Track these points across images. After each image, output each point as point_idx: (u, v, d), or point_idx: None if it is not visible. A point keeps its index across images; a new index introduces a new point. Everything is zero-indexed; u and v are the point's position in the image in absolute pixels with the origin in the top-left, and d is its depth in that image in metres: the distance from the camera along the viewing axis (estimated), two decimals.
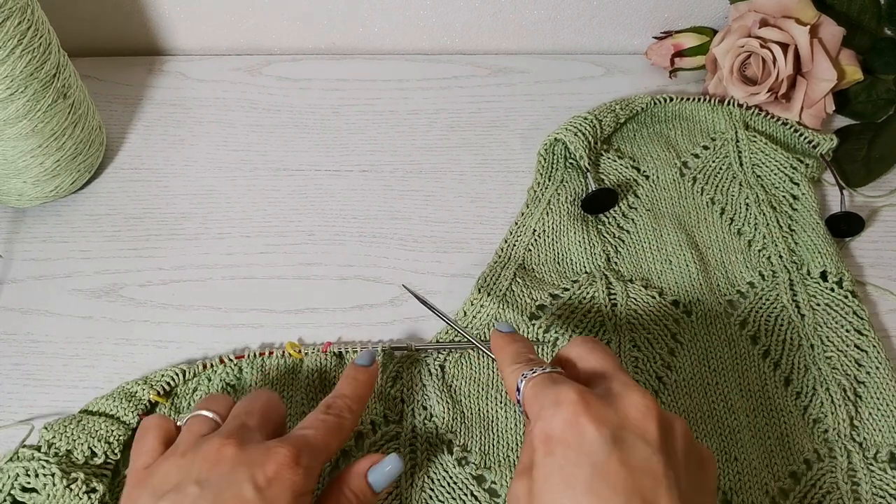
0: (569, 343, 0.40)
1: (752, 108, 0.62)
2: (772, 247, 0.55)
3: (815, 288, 0.53)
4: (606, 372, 0.37)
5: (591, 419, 0.33)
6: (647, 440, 0.33)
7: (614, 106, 0.61)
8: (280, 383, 0.49)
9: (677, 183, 0.59)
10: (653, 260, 0.55)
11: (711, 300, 0.53)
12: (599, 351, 0.38)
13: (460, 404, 0.48)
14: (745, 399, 0.48)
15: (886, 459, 0.46)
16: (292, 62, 0.70)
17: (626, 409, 0.34)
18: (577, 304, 0.52)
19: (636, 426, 0.33)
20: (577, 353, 0.39)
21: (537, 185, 0.59)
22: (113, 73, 0.68)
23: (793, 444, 0.47)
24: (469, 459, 0.46)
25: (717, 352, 0.50)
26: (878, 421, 0.47)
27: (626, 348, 0.50)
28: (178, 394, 0.48)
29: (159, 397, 0.47)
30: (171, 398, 0.48)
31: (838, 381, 0.49)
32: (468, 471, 0.46)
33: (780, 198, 0.58)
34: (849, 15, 0.62)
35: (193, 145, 0.64)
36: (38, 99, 0.52)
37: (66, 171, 0.57)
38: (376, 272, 0.56)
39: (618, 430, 0.33)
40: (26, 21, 0.50)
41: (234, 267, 0.56)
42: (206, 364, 0.49)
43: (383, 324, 0.53)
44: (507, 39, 0.72)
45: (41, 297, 0.54)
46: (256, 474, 0.35)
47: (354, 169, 0.62)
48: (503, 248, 0.56)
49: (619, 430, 0.33)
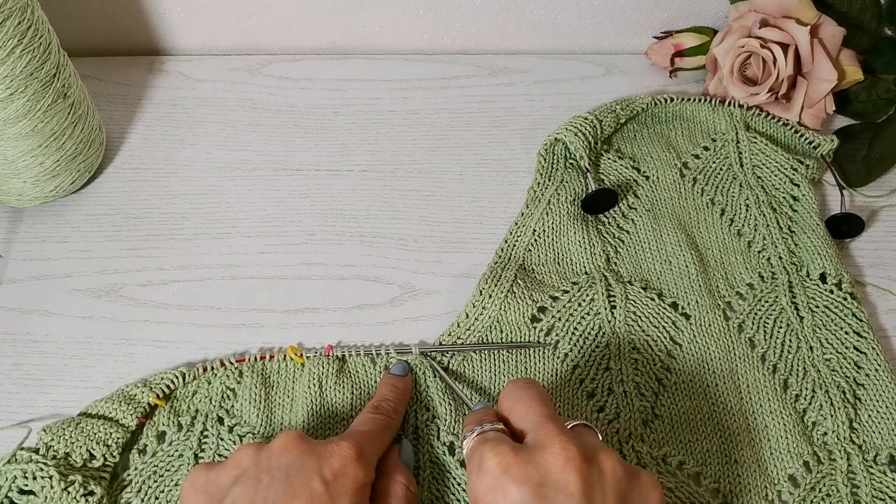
0: (501, 392, 0.40)
1: (753, 108, 0.62)
2: (771, 248, 0.55)
3: (815, 290, 0.53)
4: (533, 424, 0.37)
5: (511, 480, 0.33)
6: (570, 492, 0.33)
7: (615, 106, 0.61)
8: (281, 388, 0.49)
9: (677, 183, 0.59)
10: (652, 260, 0.55)
11: (710, 302, 0.53)
12: (527, 399, 0.38)
13: (463, 407, 0.48)
14: (744, 401, 0.48)
15: (886, 462, 0.46)
16: (292, 62, 0.70)
17: (547, 463, 0.34)
18: (577, 306, 0.52)
19: (557, 479, 0.33)
20: (506, 407, 0.39)
21: (537, 185, 0.59)
22: (113, 73, 0.68)
23: (792, 446, 0.46)
24: None
25: (716, 354, 0.50)
26: (878, 423, 0.47)
27: (626, 350, 0.50)
28: (177, 396, 0.48)
29: (159, 400, 0.47)
30: (170, 401, 0.48)
31: (837, 383, 0.49)
32: None
33: (781, 199, 0.58)
34: (849, 15, 0.62)
35: (193, 145, 0.64)
36: (38, 99, 0.52)
37: (66, 170, 0.57)
38: (376, 272, 0.56)
39: (538, 488, 0.33)
40: (26, 21, 0.50)
41: (234, 267, 0.56)
42: (206, 367, 0.49)
43: (383, 324, 0.53)
44: (507, 39, 0.72)
45: (41, 297, 0.54)
46: (323, 468, 0.37)
47: (355, 169, 0.62)
48: (503, 248, 0.56)
49: (539, 487, 0.33)
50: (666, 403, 0.49)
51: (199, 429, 0.47)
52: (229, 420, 0.48)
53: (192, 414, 0.48)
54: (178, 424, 0.47)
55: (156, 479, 0.45)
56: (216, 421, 0.47)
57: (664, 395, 0.49)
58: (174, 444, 0.47)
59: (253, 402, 0.48)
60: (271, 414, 0.48)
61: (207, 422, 0.47)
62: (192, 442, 0.47)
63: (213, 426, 0.47)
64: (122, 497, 0.45)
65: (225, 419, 0.48)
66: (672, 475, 0.46)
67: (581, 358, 0.50)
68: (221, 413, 0.48)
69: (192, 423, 0.47)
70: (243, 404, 0.48)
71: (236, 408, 0.48)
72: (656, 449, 0.47)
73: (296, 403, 0.48)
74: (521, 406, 0.38)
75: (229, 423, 0.47)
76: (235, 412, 0.48)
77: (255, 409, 0.48)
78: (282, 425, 0.48)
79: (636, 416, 0.48)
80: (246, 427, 0.47)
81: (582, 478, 0.33)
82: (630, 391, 0.49)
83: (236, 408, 0.48)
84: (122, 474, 0.46)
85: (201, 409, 0.48)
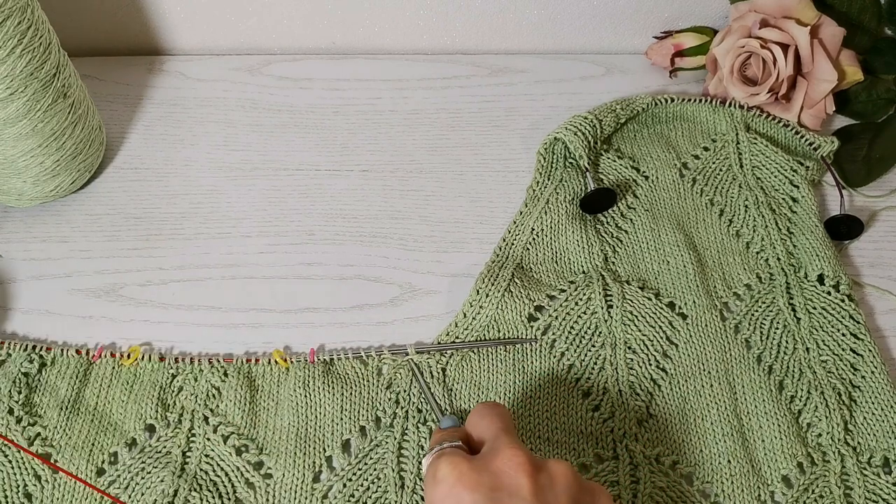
0: (469, 413, 0.41)
1: (754, 109, 0.62)
2: (770, 249, 0.55)
3: (812, 291, 0.53)
4: (491, 436, 0.38)
5: (464, 487, 0.35)
6: (521, 495, 0.34)
7: (615, 106, 0.61)
8: (265, 391, 0.49)
9: (677, 184, 0.59)
10: (650, 260, 0.55)
11: (708, 302, 0.52)
12: (488, 416, 0.39)
13: (459, 411, 0.48)
14: (739, 402, 0.48)
15: (880, 465, 0.46)
16: (292, 62, 0.70)
17: (498, 468, 0.35)
18: (574, 305, 0.52)
19: (509, 483, 0.35)
20: (471, 423, 0.40)
21: (536, 184, 0.59)
22: (113, 73, 0.68)
23: (786, 447, 0.46)
24: None
25: (712, 355, 0.50)
26: (873, 425, 0.47)
27: (622, 350, 0.50)
28: (163, 389, 0.49)
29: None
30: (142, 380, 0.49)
31: (833, 385, 0.49)
32: None
33: (780, 200, 0.58)
34: (849, 15, 0.62)
35: (193, 145, 0.64)
36: (38, 99, 0.52)
37: (66, 170, 0.57)
38: (376, 272, 0.56)
39: (491, 492, 0.34)
40: (26, 21, 0.50)
41: (234, 267, 0.56)
42: (193, 359, 0.49)
43: (383, 324, 0.53)
44: (507, 39, 0.72)
45: (41, 297, 0.54)
46: None
47: (355, 169, 0.62)
48: (501, 246, 0.56)
49: (492, 492, 0.34)
50: (661, 403, 0.49)
51: (186, 426, 0.47)
52: (213, 419, 0.48)
53: (179, 411, 0.48)
54: (165, 420, 0.48)
55: (143, 476, 0.45)
56: (202, 420, 0.48)
57: (659, 394, 0.49)
58: (162, 441, 0.47)
59: (237, 404, 0.48)
60: (255, 416, 0.48)
61: (194, 420, 0.48)
62: (179, 440, 0.47)
63: (200, 425, 0.47)
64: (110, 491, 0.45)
65: (210, 418, 0.48)
66: (665, 475, 0.46)
67: (577, 357, 0.50)
68: (206, 412, 0.48)
69: (179, 420, 0.48)
70: (228, 405, 0.48)
71: (221, 408, 0.48)
72: (650, 448, 0.47)
73: (281, 406, 0.48)
74: (483, 422, 0.39)
75: (213, 423, 0.47)
76: (220, 412, 0.48)
77: (240, 410, 0.48)
78: (266, 428, 0.48)
79: (631, 415, 0.48)
80: (230, 427, 0.47)
81: (533, 480, 0.34)
82: (625, 390, 0.49)
83: (221, 408, 0.48)
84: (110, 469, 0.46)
85: (187, 407, 0.48)
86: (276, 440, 0.47)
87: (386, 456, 0.46)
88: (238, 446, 0.47)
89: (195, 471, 0.46)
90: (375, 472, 0.46)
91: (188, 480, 0.45)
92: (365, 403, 0.48)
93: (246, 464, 0.46)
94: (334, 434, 0.47)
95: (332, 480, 0.46)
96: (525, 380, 0.49)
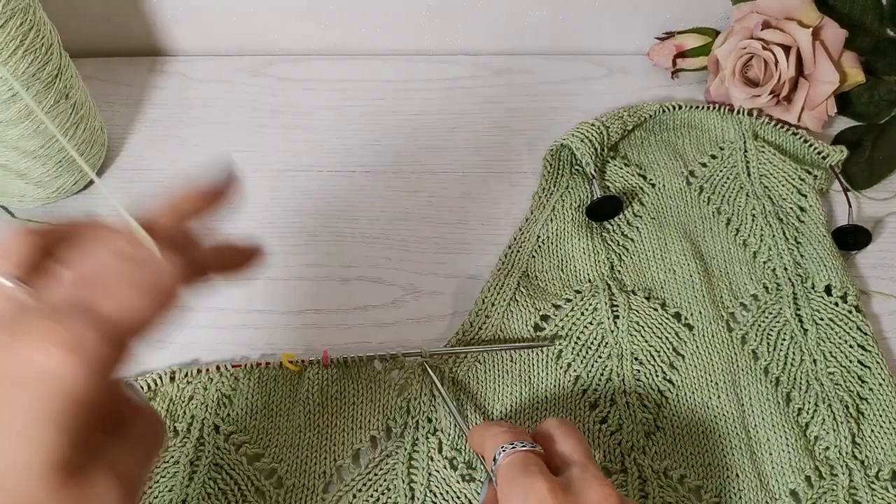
0: (546, 421, 0.40)
1: (763, 117, 0.62)
2: (777, 259, 0.54)
3: (819, 302, 0.52)
4: (577, 460, 0.38)
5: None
6: None
7: (622, 113, 0.61)
8: (278, 397, 0.48)
9: (683, 192, 0.59)
10: (656, 269, 0.55)
11: (714, 313, 0.52)
12: (574, 437, 0.39)
13: (468, 420, 0.48)
14: (746, 414, 0.48)
15: (888, 478, 0.46)
16: (294, 63, 0.70)
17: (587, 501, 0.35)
18: (580, 315, 0.52)
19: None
20: (556, 434, 0.40)
21: (542, 191, 0.59)
22: (114, 74, 0.68)
23: (794, 461, 0.46)
24: (474, 476, 0.46)
25: (719, 366, 0.50)
26: (881, 439, 0.47)
27: (629, 361, 0.50)
28: (173, 401, 0.48)
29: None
30: (155, 400, 0.48)
31: (841, 397, 0.48)
32: (473, 487, 0.45)
33: (788, 209, 0.57)
34: (851, 16, 0.62)
35: (195, 146, 0.63)
36: (39, 100, 0.52)
37: (69, 171, 0.57)
38: (379, 273, 0.56)
39: None
40: (28, 22, 0.50)
41: None
42: (200, 370, 0.49)
43: (386, 325, 0.53)
44: (509, 40, 0.72)
45: None
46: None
47: (357, 170, 0.62)
48: (507, 254, 0.56)
49: None
50: (668, 415, 0.48)
51: (195, 435, 0.47)
52: (225, 427, 0.47)
53: (189, 420, 0.47)
54: (174, 430, 0.47)
55: (150, 486, 0.45)
56: (212, 429, 0.47)
57: (666, 406, 0.49)
58: (170, 451, 0.46)
59: (250, 411, 0.47)
60: (270, 423, 0.47)
61: (203, 429, 0.47)
62: (188, 449, 0.46)
63: (210, 434, 0.47)
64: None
65: (221, 426, 0.47)
66: (673, 489, 0.46)
67: (583, 368, 0.50)
68: (217, 421, 0.47)
69: (188, 429, 0.47)
70: (240, 412, 0.48)
71: (233, 416, 0.48)
72: (658, 462, 0.46)
73: (294, 413, 0.48)
74: (569, 442, 0.39)
75: (225, 431, 0.47)
76: (233, 420, 0.47)
77: (254, 417, 0.47)
78: (280, 434, 0.47)
79: (639, 427, 0.47)
80: (245, 435, 0.47)
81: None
82: (633, 402, 0.48)
83: (233, 416, 0.48)
84: None
85: (197, 416, 0.47)
86: (288, 447, 0.47)
87: (396, 467, 0.46)
88: (251, 455, 0.46)
89: (203, 479, 0.45)
90: (385, 482, 0.46)
91: (196, 489, 0.45)
92: (376, 411, 0.48)
93: (257, 472, 0.46)
94: (345, 443, 0.47)
95: (342, 491, 0.45)
96: (531, 391, 0.49)
